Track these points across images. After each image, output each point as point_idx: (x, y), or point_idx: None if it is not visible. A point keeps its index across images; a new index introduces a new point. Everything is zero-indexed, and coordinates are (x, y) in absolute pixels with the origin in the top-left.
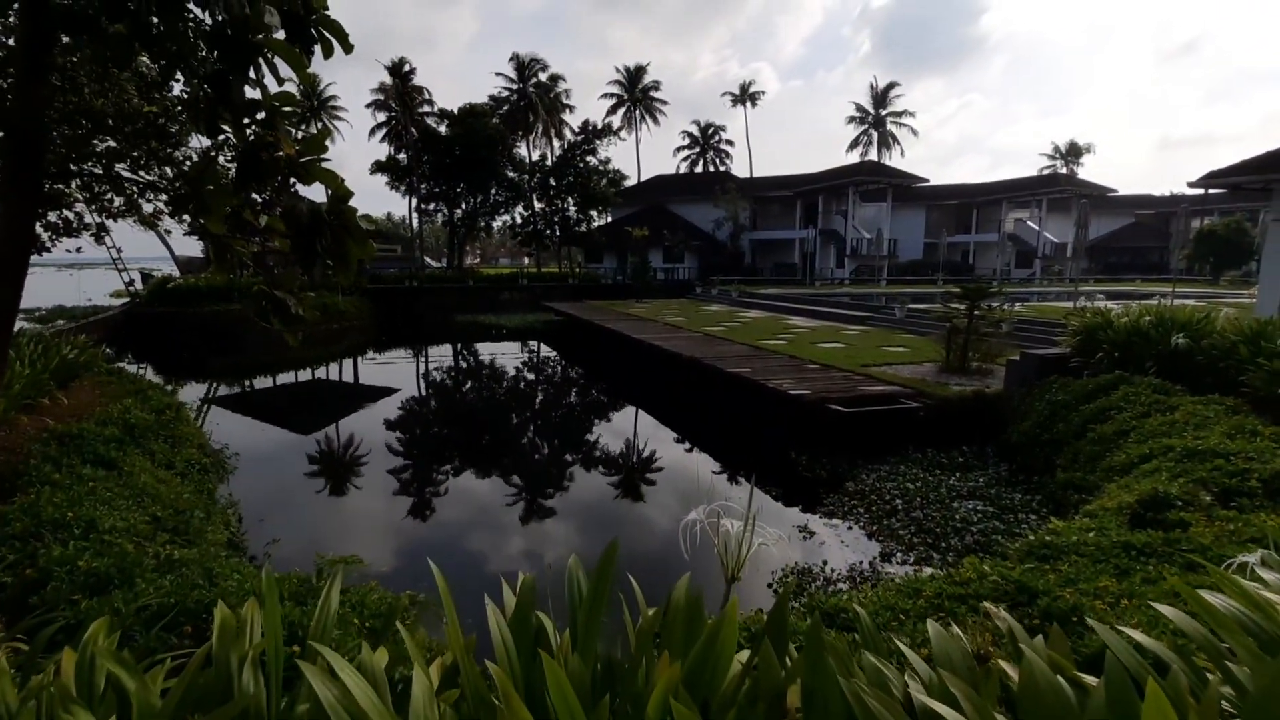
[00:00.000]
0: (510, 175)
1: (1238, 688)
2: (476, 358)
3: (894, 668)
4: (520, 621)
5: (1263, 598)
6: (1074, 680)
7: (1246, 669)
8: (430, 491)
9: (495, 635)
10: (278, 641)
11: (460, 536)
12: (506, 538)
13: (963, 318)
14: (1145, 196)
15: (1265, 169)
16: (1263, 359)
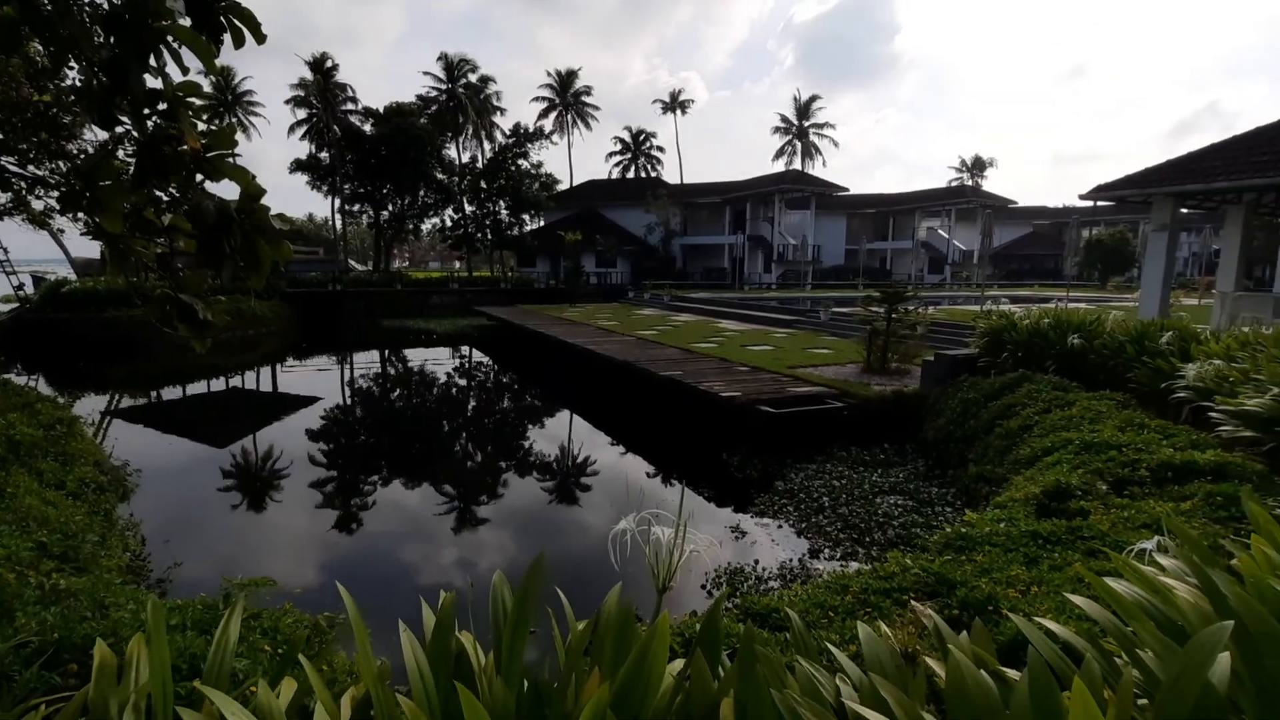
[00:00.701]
0: (440, 177)
1: (1146, 673)
2: (405, 364)
3: (824, 670)
4: (439, 645)
5: (1162, 583)
6: (997, 674)
7: (1152, 653)
8: (357, 504)
9: (410, 662)
10: (165, 681)
11: (389, 551)
12: (438, 551)
13: (882, 321)
14: (1041, 208)
15: (1144, 184)
16: (1146, 358)
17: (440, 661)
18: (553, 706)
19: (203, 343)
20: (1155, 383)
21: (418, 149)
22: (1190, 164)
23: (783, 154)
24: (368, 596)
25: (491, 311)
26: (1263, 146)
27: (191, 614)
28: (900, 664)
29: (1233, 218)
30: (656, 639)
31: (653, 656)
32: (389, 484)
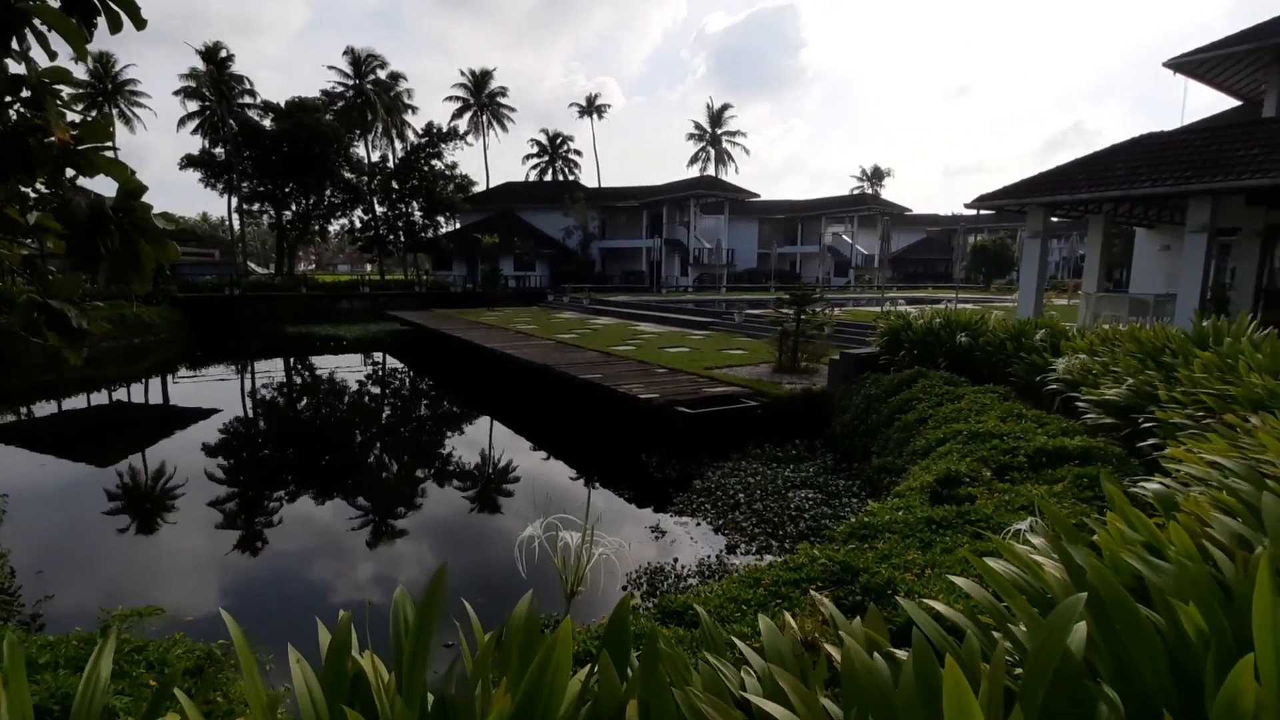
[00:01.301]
0: (348, 176)
1: (1017, 645)
2: (313, 372)
3: (731, 664)
4: (334, 666)
5: (1032, 560)
6: (889, 655)
7: (1024, 627)
8: (261, 523)
9: (300, 687)
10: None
11: (297, 572)
12: (350, 568)
13: (791, 322)
14: (934, 216)
15: (1019, 194)
16: (1023, 353)
17: (336, 684)
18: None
19: (77, 353)
20: (1031, 376)
21: (323, 146)
22: (1058, 177)
23: (697, 160)
24: (274, 620)
25: (405, 316)
26: (1117, 162)
27: (65, 650)
28: (801, 653)
29: (1094, 226)
30: (559, 645)
31: (555, 663)
32: (296, 500)
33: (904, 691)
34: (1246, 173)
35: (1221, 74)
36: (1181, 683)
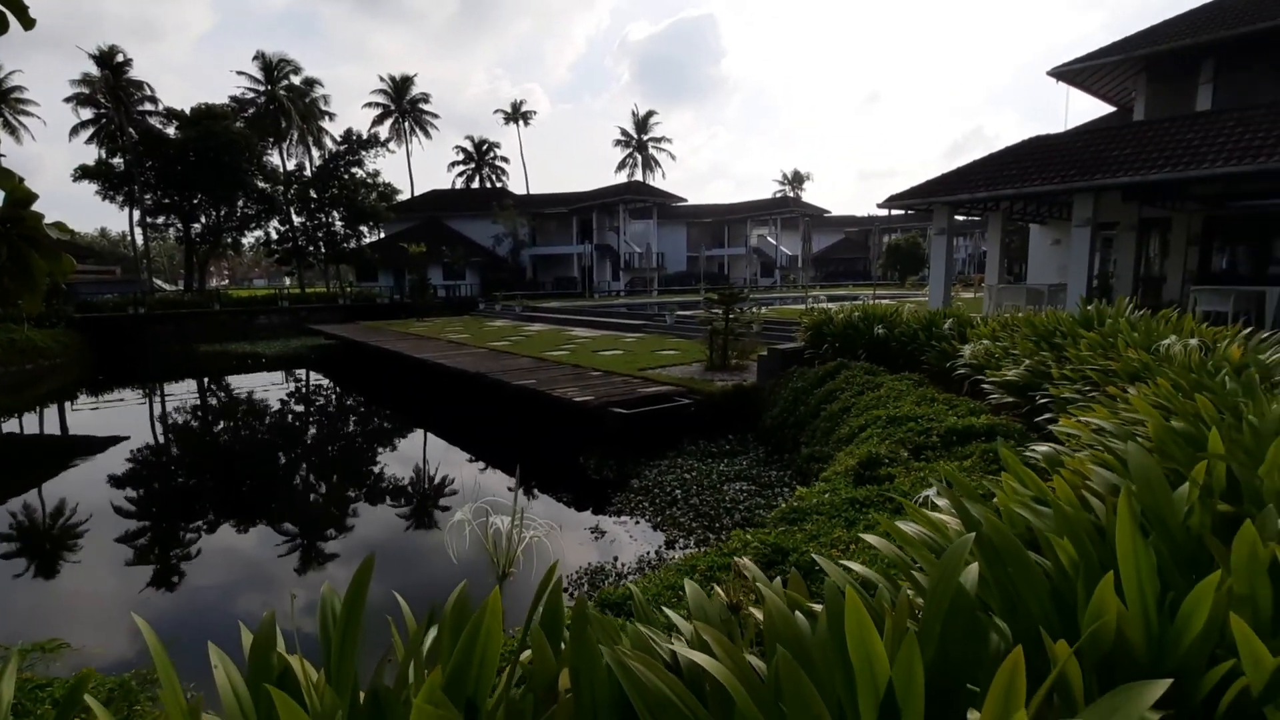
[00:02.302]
0: (262, 185)
1: (921, 590)
2: (231, 393)
3: (663, 634)
4: (259, 664)
5: (936, 518)
6: (810, 612)
7: (925, 574)
8: (179, 555)
9: (223, 687)
10: None
11: (220, 603)
12: (277, 596)
13: (721, 321)
14: (851, 217)
15: (926, 194)
16: (935, 342)
17: (261, 678)
18: (392, 708)
19: None
20: (942, 362)
21: (233, 155)
22: (959, 178)
23: (624, 166)
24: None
25: (329, 330)
26: (1010, 164)
27: None
28: (727, 615)
29: (993, 223)
30: (487, 615)
31: (485, 633)
32: (216, 529)
33: (819, 637)
34: (1121, 171)
35: (1097, 82)
36: (1062, 611)
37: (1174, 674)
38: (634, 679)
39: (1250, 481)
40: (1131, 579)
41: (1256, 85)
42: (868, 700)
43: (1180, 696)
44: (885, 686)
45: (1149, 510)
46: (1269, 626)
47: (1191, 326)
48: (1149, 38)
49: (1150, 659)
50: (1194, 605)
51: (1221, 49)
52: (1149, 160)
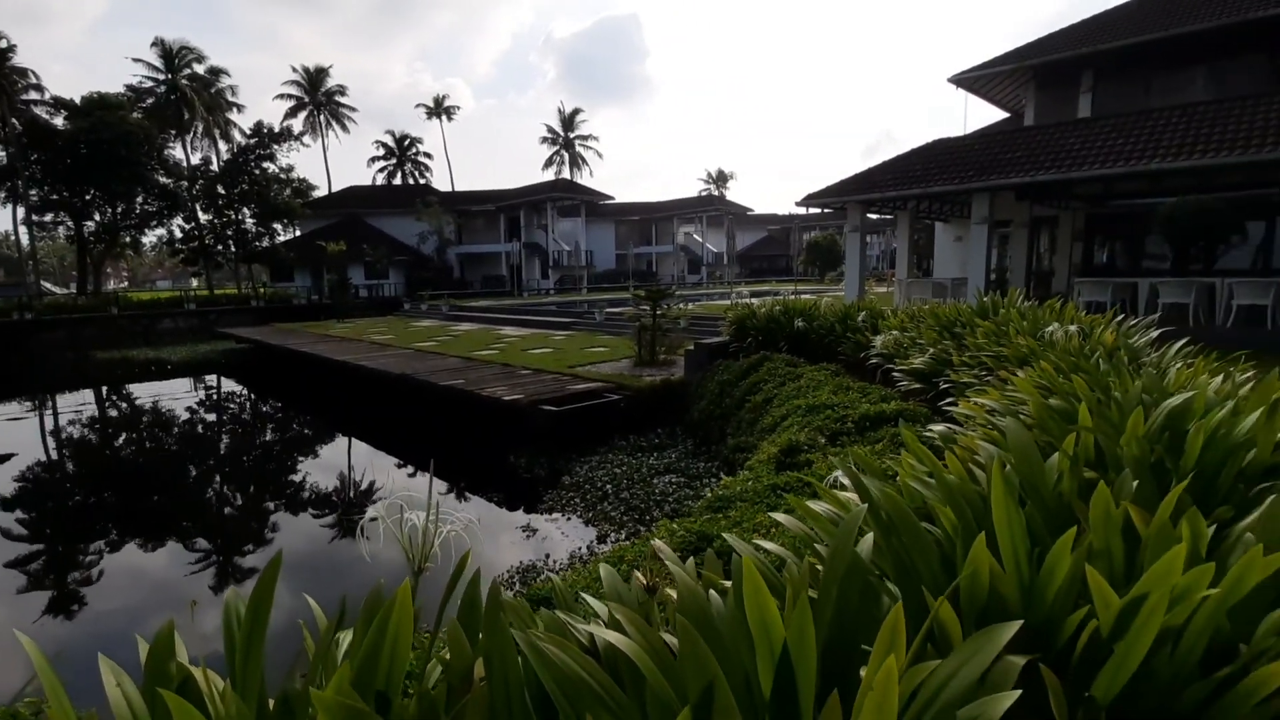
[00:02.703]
0: (163, 181)
1: (824, 561)
2: (133, 403)
3: (582, 619)
4: (156, 670)
5: (844, 497)
6: (722, 590)
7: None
8: (79, 577)
9: (115, 699)
10: None
11: (126, 630)
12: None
13: (649, 317)
14: (773, 215)
15: (839, 193)
16: (850, 333)
17: (159, 686)
18: (303, 710)
19: None
20: (857, 353)
21: (130, 147)
22: (870, 177)
23: (552, 163)
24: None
25: (241, 333)
26: (916, 165)
27: None
28: (644, 598)
29: (902, 221)
30: (397, 607)
31: (395, 625)
32: (121, 548)
33: (728, 610)
34: (1013, 173)
35: (992, 89)
36: (950, 573)
37: (1043, 622)
38: (547, 661)
39: (1113, 450)
40: (1006, 539)
41: (1129, 94)
42: (765, 662)
43: (1049, 642)
44: (780, 648)
45: (1024, 479)
46: (1122, 577)
47: (1073, 314)
48: (1036, 49)
49: (1023, 610)
50: (1055, 560)
51: (1099, 61)
52: (1038, 163)
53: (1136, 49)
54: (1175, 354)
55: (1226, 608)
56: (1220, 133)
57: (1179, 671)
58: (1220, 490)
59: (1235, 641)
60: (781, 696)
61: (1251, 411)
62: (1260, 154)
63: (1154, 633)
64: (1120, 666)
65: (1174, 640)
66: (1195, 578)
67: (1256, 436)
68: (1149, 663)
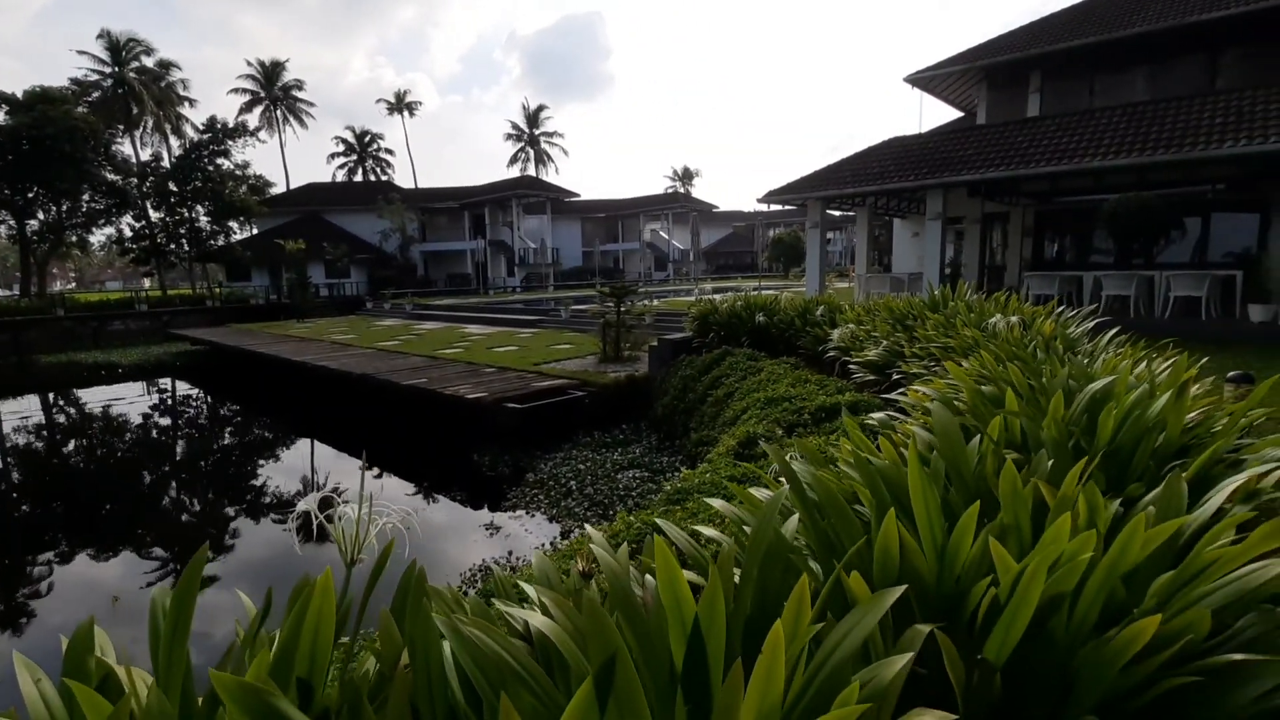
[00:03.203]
0: (111, 178)
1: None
2: (82, 409)
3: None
4: (75, 665)
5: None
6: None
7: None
8: (27, 592)
9: (31, 700)
10: None
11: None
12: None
13: (613, 314)
14: (739, 212)
15: (799, 189)
16: (809, 327)
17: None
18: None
19: None
20: (815, 346)
21: (75, 143)
22: (828, 174)
23: (517, 160)
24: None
25: (195, 334)
26: (873, 162)
27: None
28: (580, 584)
29: (861, 217)
30: (317, 594)
31: (315, 613)
32: (71, 560)
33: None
34: (965, 170)
35: (946, 89)
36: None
37: (953, 594)
38: (467, 643)
39: (1035, 433)
40: (921, 516)
41: (1075, 94)
42: (677, 635)
43: (960, 611)
44: (692, 622)
45: (948, 460)
46: (1030, 548)
47: (1016, 306)
48: (987, 50)
49: (935, 582)
50: (961, 533)
51: (1046, 62)
52: (988, 160)
53: (1082, 51)
54: (1107, 343)
55: (1119, 574)
56: (1157, 132)
57: (1076, 633)
58: (1135, 469)
59: (1132, 607)
60: (693, 668)
61: (1163, 394)
62: (1192, 153)
63: (1037, 595)
64: (1010, 628)
65: (1070, 605)
66: (1079, 544)
67: (1167, 418)
68: (1045, 625)
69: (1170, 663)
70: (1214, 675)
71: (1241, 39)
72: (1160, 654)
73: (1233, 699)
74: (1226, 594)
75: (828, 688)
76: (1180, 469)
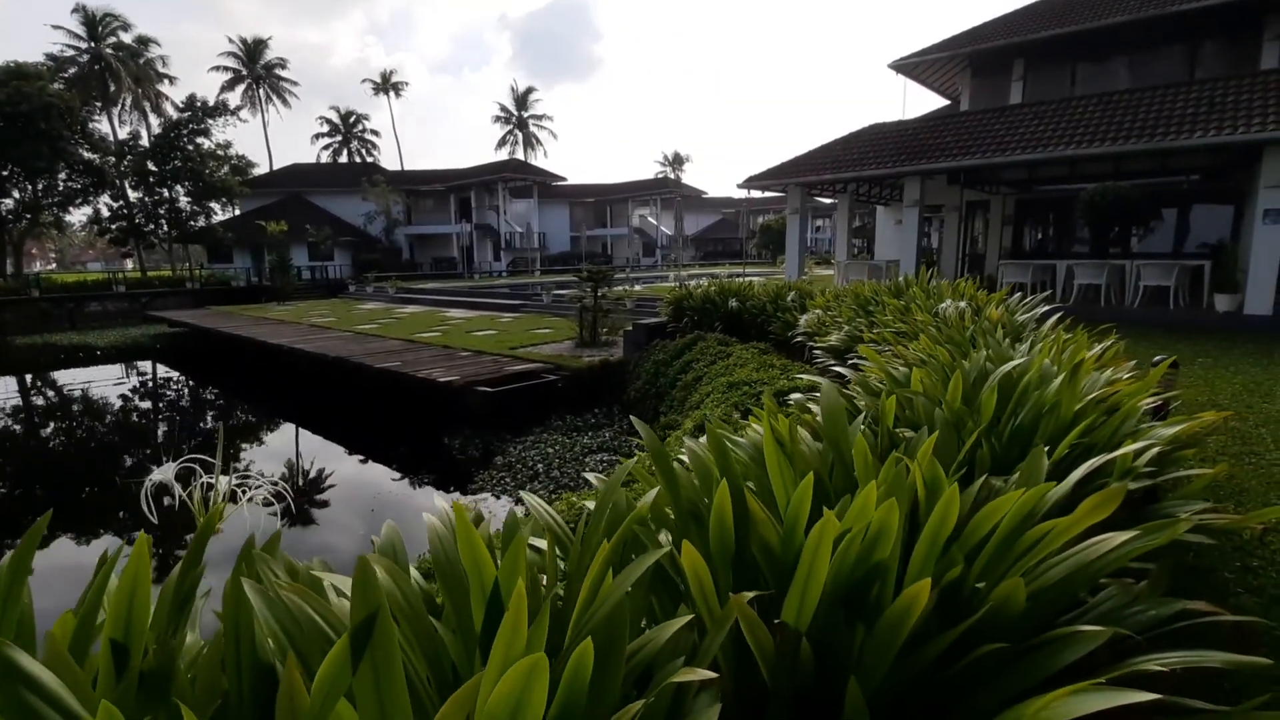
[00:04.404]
0: (89, 156)
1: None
2: (60, 391)
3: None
4: None
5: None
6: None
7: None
8: None
9: None
10: None
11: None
12: None
13: (590, 298)
14: (729, 199)
15: (779, 175)
16: (780, 313)
17: None
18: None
19: None
20: (785, 332)
21: (51, 120)
22: (809, 160)
23: (505, 143)
24: None
25: (174, 316)
26: (853, 148)
27: None
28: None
29: (842, 203)
30: (133, 558)
31: (130, 575)
32: (49, 544)
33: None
34: (942, 157)
35: (930, 76)
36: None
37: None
38: (276, 608)
39: (930, 411)
40: (778, 489)
41: (1057, 82)
42: (477, 598)
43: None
44: (491, 585)
45: (829, 439)
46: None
47: (970, 292)
48: (971, 37)
49: (783, 552)
50: (796, 505)
51: (1029, 50)
52: (965, 148)
53: (1064, 39)
54: (1049, 329)
55: (940, 547)
56: (1132, 121)
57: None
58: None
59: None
60: (491, 628)
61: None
62: (1164, 142)
63: (826, 560)
64: (805, 591)
65: (882, 573)
66: (884, 513)
67: (1062, 398)
68: (867, 597)
69: (991, 636)
70: (1033, 648)
71: (1220, 30)
72: (955, 628)
73: (1041, 668)
74: (1067, 567)
75: (598, 639)
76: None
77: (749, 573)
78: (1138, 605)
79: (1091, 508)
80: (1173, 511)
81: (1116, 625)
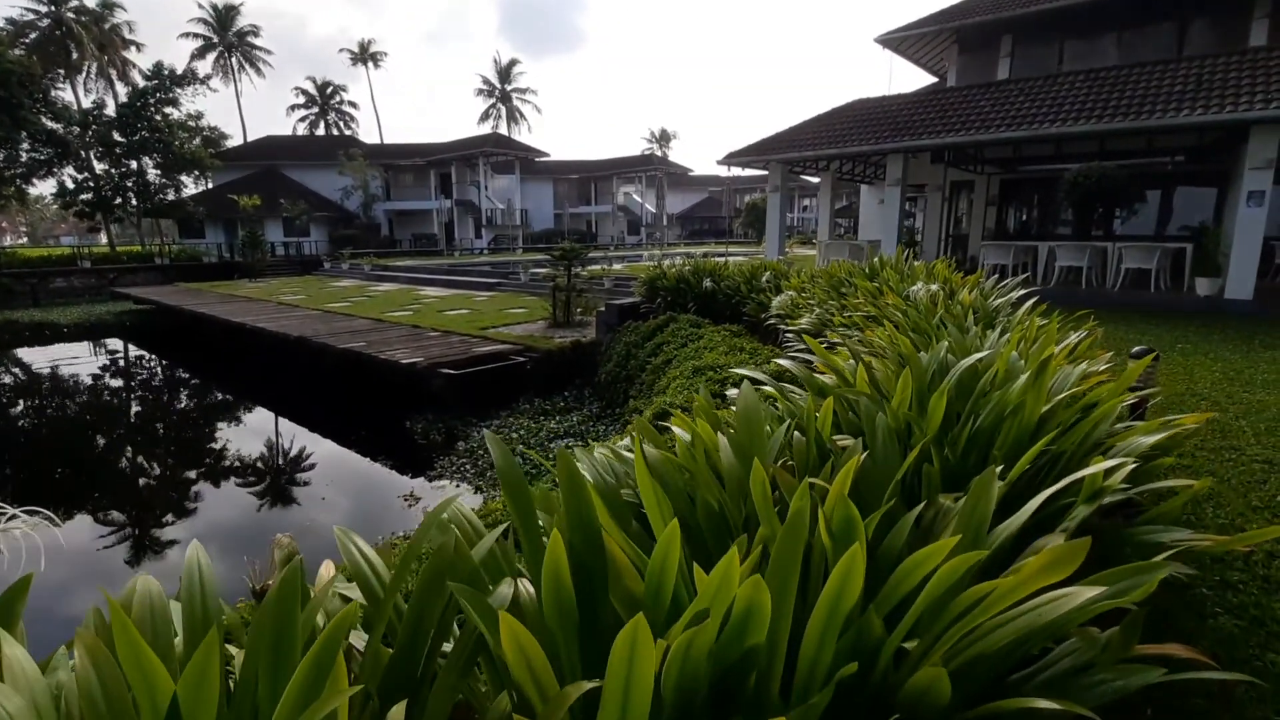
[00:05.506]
0: (51, 126)
1: None
2: (24, 370)
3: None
4: None
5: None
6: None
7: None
8: None
9: None
10: None
11: (38, 609)
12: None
13: (564, 276)
14: (714, 177)
15: (760, 151)
16: (754, 294)
17: None
18: None
19: None
20: (758, 313)
21: (11, 88)
22: (790, 136)
23: (488, 117)
24: None
25: (139, 293)
26: (836, 124)
27: None
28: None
29: (824, 182)
30: None
31: None
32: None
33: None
34: (925, 135)
35: (917, 51)
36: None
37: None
38: None
39: (872, 416)
40: (658, 527)
41: (1045, 59)
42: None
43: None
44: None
45: (739, 450)
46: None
47: (945, 275)
48: (958, 11)
49: (651, 605)
50: (662, 555)
51: (1017, 25)
52: (949, 125)
53: (1052, 14)
54: (1024, 314)
55: (840, 621)
56: (1118, 98)
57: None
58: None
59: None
60: None
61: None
62: (1149, 120)
63: (675, 560)
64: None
65: (758, 660)
66: (750, 590)
67: (1026, 400)
68: (738, 683)
69: None
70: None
71: (1209, 7)
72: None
73: None
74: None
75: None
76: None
77: (605, 642)
78: (1101, 672)
79: (1040, 568)
80: (1148, 540)
81: (1078, 690)
